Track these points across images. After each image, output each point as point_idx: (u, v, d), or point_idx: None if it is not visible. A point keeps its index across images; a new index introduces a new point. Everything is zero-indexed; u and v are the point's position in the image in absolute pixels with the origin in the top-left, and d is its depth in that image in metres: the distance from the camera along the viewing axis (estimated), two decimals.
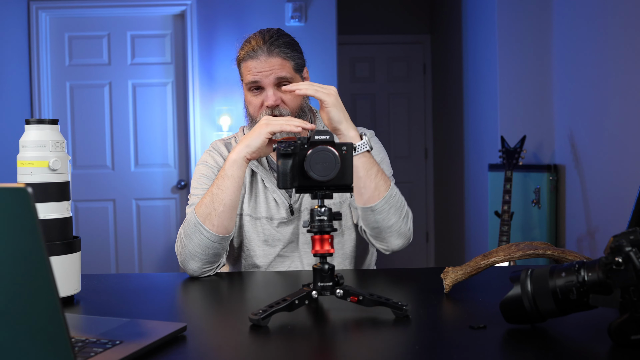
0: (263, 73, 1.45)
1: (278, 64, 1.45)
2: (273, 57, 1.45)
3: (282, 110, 1.47)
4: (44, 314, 0.60)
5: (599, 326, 0.91)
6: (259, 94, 1.48)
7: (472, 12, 3.96)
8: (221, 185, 1.37)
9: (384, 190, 1.38)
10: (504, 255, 1.14)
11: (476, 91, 3.88)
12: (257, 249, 1.54)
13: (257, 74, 1.45)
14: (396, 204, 1.40)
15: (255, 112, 1.50)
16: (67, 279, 1.14)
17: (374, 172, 1.37)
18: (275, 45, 1.46)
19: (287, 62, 1.47)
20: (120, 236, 3.97)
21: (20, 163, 1.12)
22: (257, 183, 1.55)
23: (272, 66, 1.45)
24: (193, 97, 3.85)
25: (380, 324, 0.99)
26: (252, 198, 1.54)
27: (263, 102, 1.47)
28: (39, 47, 3.84)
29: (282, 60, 1.46)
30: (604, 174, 2.70)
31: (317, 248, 1.01)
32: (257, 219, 1.54)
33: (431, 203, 5.35)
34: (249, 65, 1.47)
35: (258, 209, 1.54)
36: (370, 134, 1.60)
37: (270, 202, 1.53)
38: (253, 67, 1.46)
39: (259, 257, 1.54)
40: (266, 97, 1.46)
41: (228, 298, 1.27)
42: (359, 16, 5.23)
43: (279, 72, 1.45)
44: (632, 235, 0.79)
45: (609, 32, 2.62)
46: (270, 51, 1.45)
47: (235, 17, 3.86)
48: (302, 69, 1.53)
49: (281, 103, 1.47)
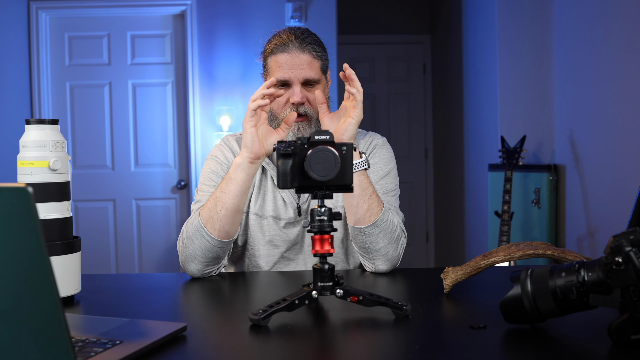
0: (292, 71, 1.44)
1: (307, 62, 1.45)
2: (304, 54, 1.45)
3: (307, 110, 1.46)
4: (45, 314, 0.60)
5: (599, 326, 0.91)
6: (284, 90, 1.47)
7: (472, 12, 3.96)
8: (225, 189, 1.36)
9: (376, 212, 1.37)
10: (504, 255, 1.14)
11: (476, 91, 3.88)
12: (261, 249, 1.53)
13: (287, 72, 1.44)
14: (387, 228, 1.39)
15: (279, 108, 1.47)
16: (67, 279, 1.14)
17: (369, 193, 1.36)
18: (307, 42, 1.46)
19: (316, 61, 1.47)
20: (120, 236, 3.97)
21: (20, 163, 1.12)
22: (267, 181, 1.54)
23: (303, 62, 1.44)
24: (193, 97, 3.85)
25: (380, 324, 0.99)
26: (260, 196, 1.53)
27: (288, 99, 1.46)
28: (39, 47, 3.84)
29: (311, 59, 1.46)
30: (604, 174, 2.70)
31: (317, 248, 1.01)
32: (263, 218, 1.52)
33: (431, 203, 5.35)
34: (279, 59, 1.45)
35: (265, 208, 1.53)
36: (382, 141, 1.59)
37: (279, 201, 1.52)
38: (284, 62, 1.45)
39: (262, 257, 1.53)
40: (292, 94, 1.45)
41: (228, 298, 1.27)
42: (359, 16, 5.23)
43: (307, 72, 1.45)
44: (632, 235, 0.79)
45: (609, 32, 2.62)
46: (302, 47, 1.45)
47: (235, 17, 3.86)
48: (327, 70, 1.54)
49: (306, 102, 1.46)
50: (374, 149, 1.57)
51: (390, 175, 1.55)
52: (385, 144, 1.59)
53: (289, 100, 1.46)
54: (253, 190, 1.53)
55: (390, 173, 1.55)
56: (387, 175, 1.54)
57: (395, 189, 1.56)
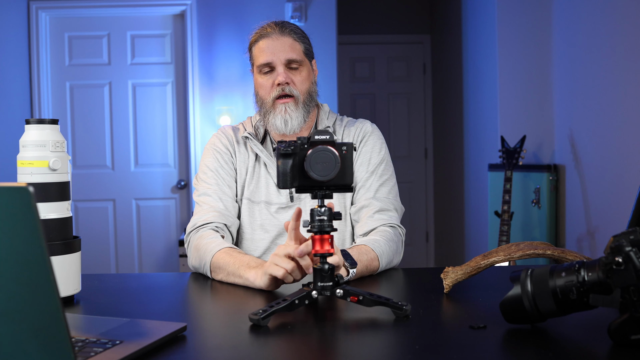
0: (275, 54, 1.49)
1: (289, 44, 1.50)
2: (284, 36, 1.50)
3: (292, 90, 1.50)
4: (45, 314, 0.60)
5: (599, 326, 0.91)
6: (269, 75, 1.51)
7: (472, 12, 3.96)
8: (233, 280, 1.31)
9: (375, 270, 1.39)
10: (504, 255, 1.14)
11: (476, 91, 3.88)
12: (252, 233, 1.55)
13: (269, 55, 1.49)
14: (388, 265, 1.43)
15: (266, 93, 1.52)
16: (67, 279, 1.14)
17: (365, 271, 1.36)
18: (286, 26, 1.53)
19: (297, 43, 1.52)
20: (120, 236, 3.97)
21: (20, 163, 1.12)
22: (261, 167, 1.57)
23: (284, 44, 1.50)
24: (193, 97, 3.85)
25: (380, 324, 0.99)
26: (253, 182, 1.56)
27: (274, 83, 1.50)
28: (38, 47, 3.84)
29: (292, 41, 1.51)
30: (604, 174, 2.70)
31: (317, 248, 1.01)
32: (255, 203, 1.55)
33: (431, 203, 5.35)
34: (260, 45, 1.51)
35: (257, 193, 1.56)
36: (372, 127, 1.60)
37: (271, 187, 1.55)
38: (265, 47, 1.50)
39: (253, 241, 1.55)
40: (277, 75, 1.50)
41: (228, 298, 1.26)
42: (359, 16, 5.23)
43: (289, 53, 1.50)
44: (632, 235, 0.79)
45: (609, 32, 2.62)
46: (282, 31, 1.51)
47: (235, 17, 3.86)
48: (312, 58, 1.58)
49: (291, 82, 1.50)
50: (364, 136, 1.59)
51: (384, 162, 1.57)
52: (375, 130, 1.61)
53: (275, 83, 1.50)
54: (246, 176, 1.57)
55: (383, 161, 1.57)
56: (381, 163, 1.56)
57: (391, 176, 1.57)
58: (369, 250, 1.37)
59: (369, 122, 1.63)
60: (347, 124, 1.61)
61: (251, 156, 1.57)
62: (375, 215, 1.49)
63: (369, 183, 1.53)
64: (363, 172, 1.54)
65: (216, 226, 1.47)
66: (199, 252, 1.40)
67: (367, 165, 1.55)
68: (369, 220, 1.49)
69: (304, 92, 1.52)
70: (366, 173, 1.54)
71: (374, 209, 1.50)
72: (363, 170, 1.54)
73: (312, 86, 1.55)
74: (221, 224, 1.48)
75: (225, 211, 1.50)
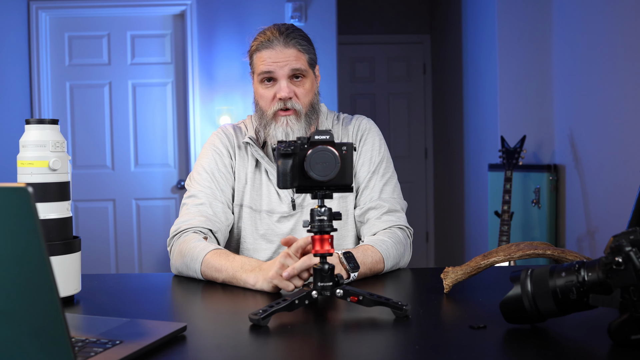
0: (278, 64, 1.43)
1: (293, 56, 1.44)
2: (289, 48, 1.44)
3: (294, 104, 1.45)
4: (44, 314, 0.60)
5: (599, 326, 0.91)
6: (271, 86, 1.46)
7: (472, 12, 3.96)
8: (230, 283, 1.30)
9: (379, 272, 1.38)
10: (504, 255, 1.14)
11: (476, 91, 3.88)
12: (255, 243, 1.52)
13: (272, 64, 1.43)
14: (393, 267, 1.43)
15: (267, 105, 1.47)
16: (67, 279, 1.14)
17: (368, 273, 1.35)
18: (291, 37, 1.45)
19: (302, 54, 1.46)
20: (120, 236, 3.97)
21: (20, 163, 1.12)
22: (262, 175, 1.53)
23: (288, 57, 1.43)
24: (193, 97, 3.85)
25: (380, 324, 0.99)
26: (255, 190, 1.53)
27: (275, 95, 1.45)
28: (38, 47, 3.84)
29: (297, 52, 1.45)
30: (604, 174, 2.70)
31: (317, 248, 1.01)
32: (257, 212, 1.52)
33: (431, 203, 5.35)
34: (263, 55, 1.44)
35: (259, 202, 1.52)
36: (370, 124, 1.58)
37: (273, 195, 1.52)
38: (267, 57, 1.43)
39: (256, 251, 1.52)
40: (279, 89, 1.44)
41: (228, 298, 1.26)
42: (359, 16, 5.23)
43: (294, 64, 1.44)
44: (632, 235, 0.79)
45: (609, 31, 2.62)
46: (287, 42, 1.44)
47: (235, 17, 3.86)
48: (315, 66, 1.53)
49: (294, 96, 1.45)
50: (362, 135, 1.56)
51: (385, 160, 1.55)
52: (372, 127, 1.58)
53: (277, 96, 1.45)
54: (247, 183, 1.53)
55: (384, 158, 1.55)
56: (382, 162, 1.54)
57: (392, 173, 1.56)
58: (374, 251, 1.36)
59: (365, 117, 1.60)
60: (344, 123, 1.59)
61: (251, 161, 1.53)
62: (383, 217, 1.48)
63: (372, 183, 1.52)
64: (365, 172, 1.53)
65: (200, 230, 1.43)
66: (184, 258, 1.36)
67: (368, 165, 1.53)
68: (377, 222, 1.48)
69: (307, 105, 1.47)
70: (368, 173, 1.53)
71: (382, 210, 1.49)
72: (365, 171, 1.53)
73: (314, 97, 1.51)
74: (206, 229, 1.44)
75: (213, 217, 1.45)
